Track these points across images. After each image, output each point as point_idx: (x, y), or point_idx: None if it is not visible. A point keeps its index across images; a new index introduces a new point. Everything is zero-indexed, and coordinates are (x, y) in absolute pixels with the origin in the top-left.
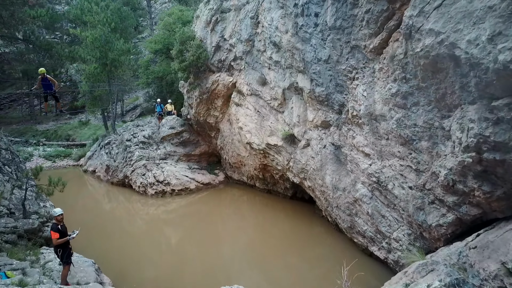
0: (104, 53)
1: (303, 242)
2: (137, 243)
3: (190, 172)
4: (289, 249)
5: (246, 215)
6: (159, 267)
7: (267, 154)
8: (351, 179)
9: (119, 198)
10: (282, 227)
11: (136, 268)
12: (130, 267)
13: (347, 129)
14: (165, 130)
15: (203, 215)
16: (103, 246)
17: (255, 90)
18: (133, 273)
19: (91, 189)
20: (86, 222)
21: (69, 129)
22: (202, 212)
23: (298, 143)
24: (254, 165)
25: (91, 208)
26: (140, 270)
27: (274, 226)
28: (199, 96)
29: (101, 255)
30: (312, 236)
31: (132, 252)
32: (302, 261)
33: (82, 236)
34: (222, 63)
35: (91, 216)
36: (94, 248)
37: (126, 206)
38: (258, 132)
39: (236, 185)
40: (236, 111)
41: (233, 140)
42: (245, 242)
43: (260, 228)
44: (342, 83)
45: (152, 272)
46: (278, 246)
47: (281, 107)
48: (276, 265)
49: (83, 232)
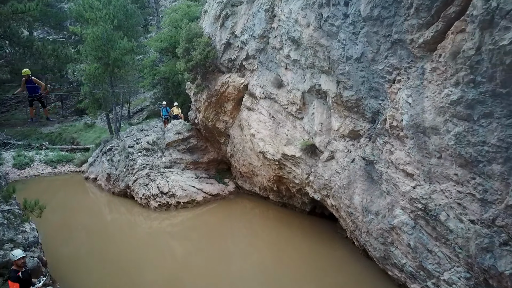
0: (106, 52)
1: (323, 266)
2: (138, 264)
3: (197, 181)
4: (306, 273)
5: (258, 231)
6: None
7: (283, 165)
8: (387, 202)
9: (121, 209)
10: (298, 246)
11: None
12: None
13: (383, 142)
14: (170, 136)
15: (211, 228)
16: (101, 269)
17: (270, 93)
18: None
19: (91, 199)
20: (83, 237)
21: (74, 131)
22: (210, 225)
23: (320, 155)
24: (268, 176)
25: (90, 223)
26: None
27: (289, 244)
28: (207, 99)
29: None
30: (334, 259)
31: (133, 278)
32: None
33: (77, 258)
34: (233, 62)
35: (89, 230)
36: (91, 272)
37: (127, 218)
38: (272, 140)
39: (248, 196)
40: (248, 116)
41: (244, 147)
42: (256, 261)
43: (274, 246)
44: (378, 86)
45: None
46: (293, 268)
47: (300, 113)
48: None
49: (79, 253)
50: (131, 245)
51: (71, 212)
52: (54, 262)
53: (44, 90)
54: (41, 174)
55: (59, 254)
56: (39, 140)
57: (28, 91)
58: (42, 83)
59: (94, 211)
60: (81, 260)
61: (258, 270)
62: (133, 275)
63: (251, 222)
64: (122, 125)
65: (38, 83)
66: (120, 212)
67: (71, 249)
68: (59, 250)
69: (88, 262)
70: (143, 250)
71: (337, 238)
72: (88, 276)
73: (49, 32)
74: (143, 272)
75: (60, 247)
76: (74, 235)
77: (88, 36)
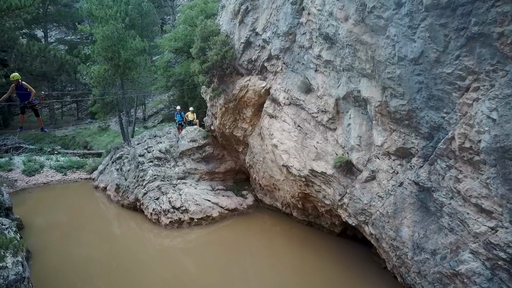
0: (116, 53)
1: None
2: (148, 282)
3: (213, 194)
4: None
5: (279, 251)
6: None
7: (310, 183)
8: (450, 241)
9: (130, 223)
10: (326, 273)
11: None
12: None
13: (447, 166)
14: (184, 144)
15: (227, 247)
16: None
17: (296, 98)
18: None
19: (99, 212)
20: (89, 253)
21: (87, 135)
22: (226, 243)
23: (358, 174)
24: (292, 193)
25: (96, 238)
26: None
27: (315, 269)
28: (224, 105)
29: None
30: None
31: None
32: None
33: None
34: (253, 63)
35: (95, 246)
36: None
37: (137, 234)
38: (298, 153)
39: (268, 211)
40: (270, 124)
41: (265, 158)
42: (277, 286)
43: (297, 270)
44: (442, 95)
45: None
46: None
47: (333, 123)
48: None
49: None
50: (141, 262)
51: (77, 224)
52: (58, 274)
53: (35, 97)
54: (50, 181)
55: (63, 267)
56: (52, 144)
57: (18, 97)
58: (33, 89)
59: (101, 225)
60: (86, 275)
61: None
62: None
63: (272, 241)
64: (136, 128)
65: (29, 88)
66: (130, 226)
67: (76, 263)
68: (62, 264)
69: (94, 278)
70: (154, 268)
71: (372, 267)
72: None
73: (66, 33)
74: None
75: (64, 261)
76: (80, 249)
77: (97, 36)
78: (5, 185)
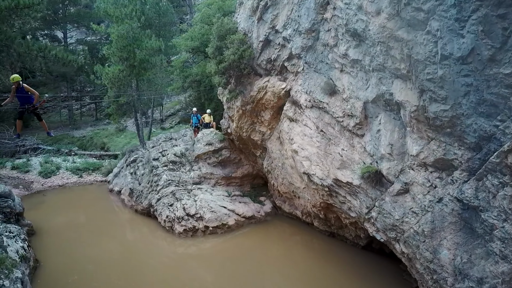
0: (131, 53)
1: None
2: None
3: (229, 201)
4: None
5: (299, 262)
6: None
7: (334, 193)
8: (502, 270)
9: (143, 230)
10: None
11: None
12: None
13: (500, 183)
14: (200, 147)
15: (243, 256)
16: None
17: (319, 101)
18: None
19: (112, 216)
20: (99, 259)
21: (105, 136)
22: (243, 252)
23: (388, 186)
24: (313, 202)
25: (108, 243)
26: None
27: (337, 283)
28: (241, 107)
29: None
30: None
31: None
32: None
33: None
34: (272, 63)
35: (107, 251)
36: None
37: (149, 241)
38: (321, 160)
39: (287, 219)
40: (290, 128)
41: (284, 164)
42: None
43: (318, 283)
44: (497, 100)
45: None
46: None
47: (360, 129)
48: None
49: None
50: (154, 270)
51: (89, 229)
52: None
53: (38, 101)
54: (66, 184)
55: (72, 274)
56: (69, 145)
57: (19, 100)
58: (36, 92)
59: (113, 231)
60: (97, 283)
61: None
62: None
63: (291, 251)
64: (154, 130)
65: (31, 91)
66: (142, 233)
67: (86, 270)
68: (71, 271)
69: (104, 286)
70: (167, 276)
71: (401, 286)
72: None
73: (87, 33)
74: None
75: (73, 268)
76: (90, 256)
77: (112, 36)
78: (21, 187)
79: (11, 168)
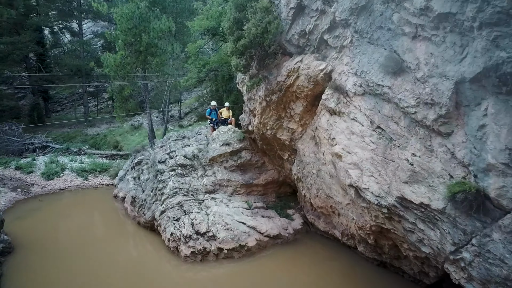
0: (138, 36)
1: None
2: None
3: (249, 214)
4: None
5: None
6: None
7: (397, 216)
8: None
9: (145, 247)
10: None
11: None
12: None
13: None
14: (215, 148)
15: (266, 285)
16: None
17: (375, 85)
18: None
19: (111, 228)
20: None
21: (119, 134)
22: (265, 281)
23: (500, 216)
24: (360, 223)
25: (103, 267)
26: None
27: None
28: (265, 97)
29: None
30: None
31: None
32: None
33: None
34: (307, 37)
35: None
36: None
37: (152, 266)
38: (377, 169)
39: (322, 238)
40: (330, 124)
41: (321, 171)
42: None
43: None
44: None
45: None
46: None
47: (446, 124)
48: None
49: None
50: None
51: (82, 245)
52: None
53: None
54: (68, 187)
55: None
56: (80, 144)
57: None
58: None
59: (110, 248)
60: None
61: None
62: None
63: (325, 280)
64: (171, 128)
65: None
66: (143, 252)
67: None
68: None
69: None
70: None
71: None
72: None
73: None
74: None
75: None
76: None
77: (116, 17)
78: (19, 190)
79: (14, 168)
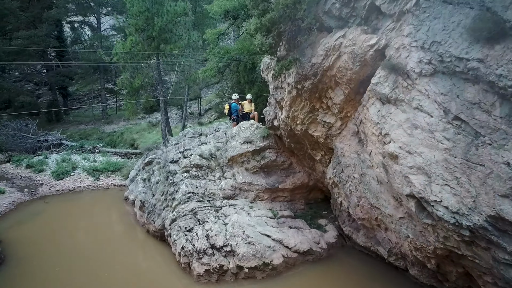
0: (150, 20)
1: None
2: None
3: (275, 225)
4: None
5: None
6: None
7: (483, 242)
8: None
9: (153, 260)
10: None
11: None
12: None
13: None
14: (235, 146)
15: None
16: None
17: (455, 58)
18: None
19: (117, 237)
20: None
21: (136, 131)
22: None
23: None
24: (419, 243)
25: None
26: None
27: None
28: (295, 85)
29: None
30: None
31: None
32: None
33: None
34: (352, 5)
35: None
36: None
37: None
38: (455, 176)
39: (361, 255)
40: (382, 115)
41: (365, 175)
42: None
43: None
44: None
45: None
46: None
47: None
48: None
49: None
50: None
51: (83, 256)
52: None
53: None
54: (77, 188)
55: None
56: (96, 142)
57: None
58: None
59: (113, 260)
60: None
61: None
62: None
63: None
64: (190, 125)
65: None
66: (150, 267)
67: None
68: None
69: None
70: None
71: None
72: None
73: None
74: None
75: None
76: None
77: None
78: (26, 190)
79: (25, 166)
